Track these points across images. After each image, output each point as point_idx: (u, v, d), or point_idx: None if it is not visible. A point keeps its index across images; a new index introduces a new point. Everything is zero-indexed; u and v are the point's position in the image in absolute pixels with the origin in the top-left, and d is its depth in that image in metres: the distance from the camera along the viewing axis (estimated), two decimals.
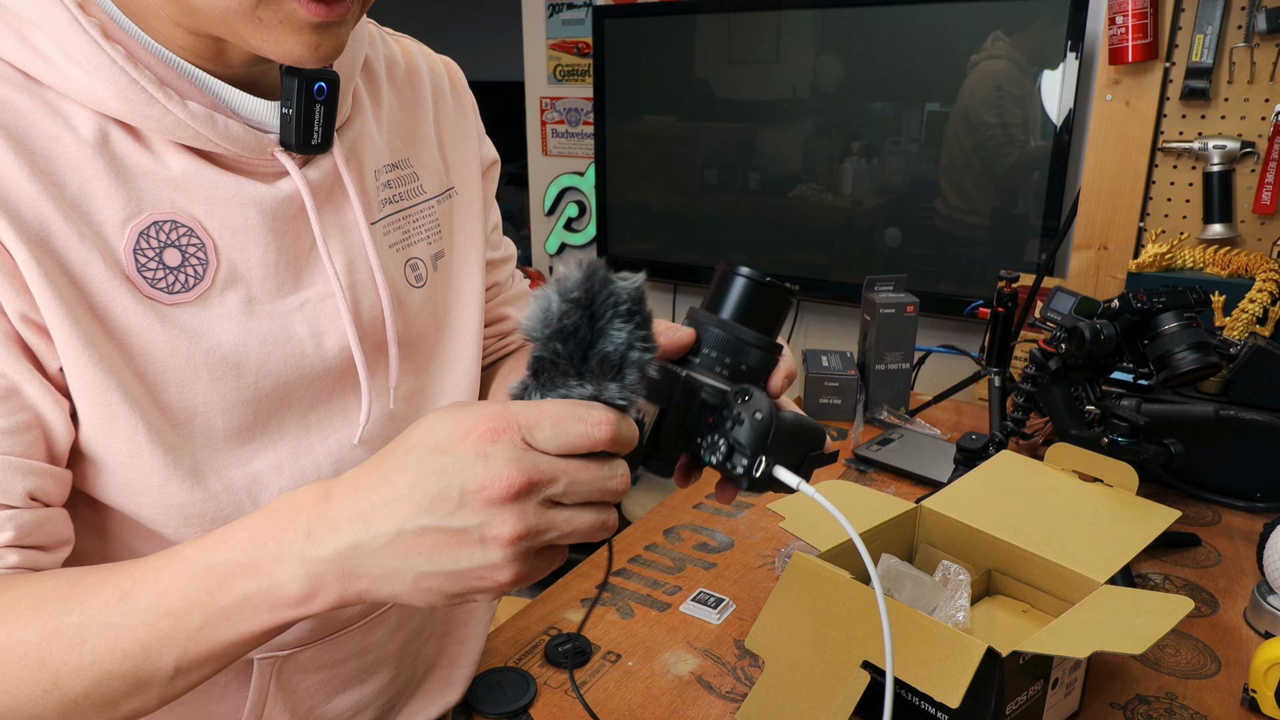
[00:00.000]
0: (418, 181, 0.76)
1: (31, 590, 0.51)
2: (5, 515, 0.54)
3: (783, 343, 0.59)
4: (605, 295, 0.47)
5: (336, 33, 0.56)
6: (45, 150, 0.56)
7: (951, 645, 0.66)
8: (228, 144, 0.60)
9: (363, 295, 0.69)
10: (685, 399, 0.54)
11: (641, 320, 0.47)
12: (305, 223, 0.66)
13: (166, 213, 0.59)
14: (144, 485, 0.60)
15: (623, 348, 0.47)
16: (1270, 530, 0.96)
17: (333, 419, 0.69)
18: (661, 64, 2.57)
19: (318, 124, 0.63)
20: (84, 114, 0.57)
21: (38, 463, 0.56)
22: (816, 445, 0.56)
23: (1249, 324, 1.29)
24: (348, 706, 0.78)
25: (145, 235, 0.58)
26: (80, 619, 0.49)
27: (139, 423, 0.58)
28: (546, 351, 0.47)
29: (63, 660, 0.49)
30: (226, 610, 0.48)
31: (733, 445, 0.53)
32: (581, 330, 0.47)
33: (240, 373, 0.62)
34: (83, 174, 0.57)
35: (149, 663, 0.49)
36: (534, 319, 0.47)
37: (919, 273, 2.25)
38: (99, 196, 0.57)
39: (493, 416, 0.45)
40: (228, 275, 0.62)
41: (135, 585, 0.49)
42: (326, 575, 0.47)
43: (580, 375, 0.47)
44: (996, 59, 2.07)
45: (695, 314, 0.57)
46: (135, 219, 0.58)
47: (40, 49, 0.55)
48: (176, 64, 0.59)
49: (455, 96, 0.83)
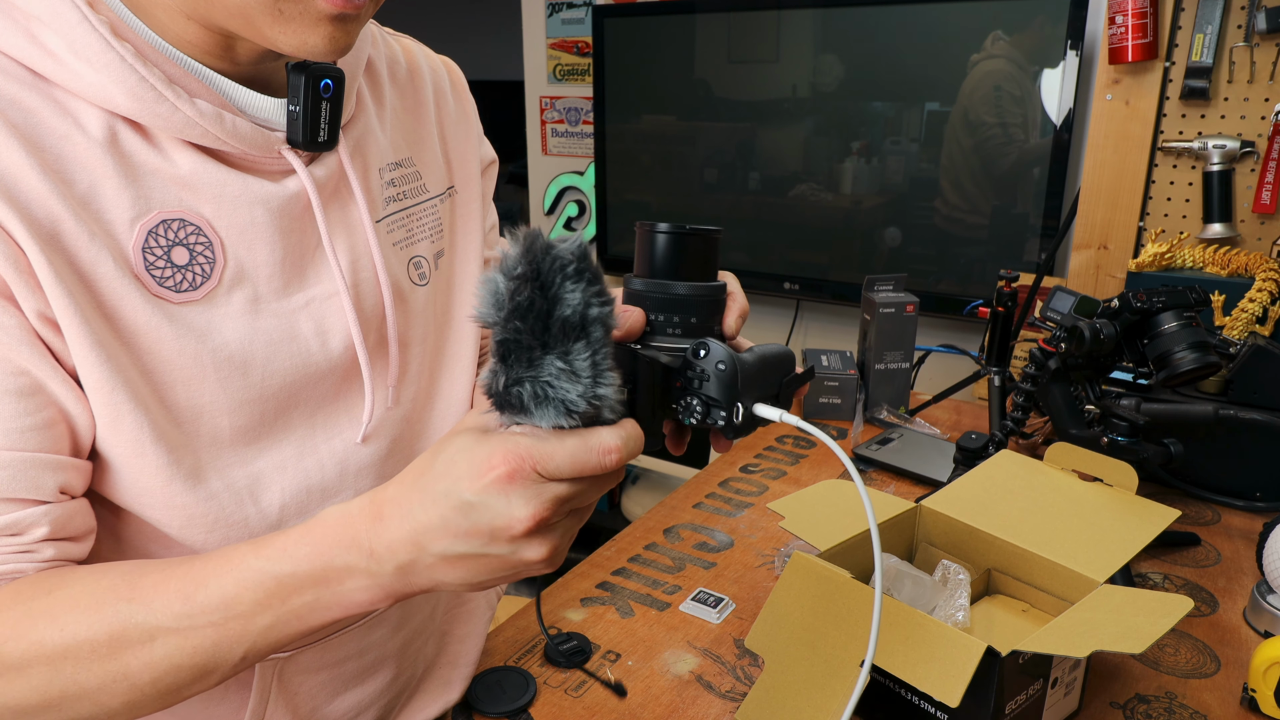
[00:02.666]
0: (421, 180, 0.76)
1: (87, 588, 0.54)
2: (40, 511, 0.56)
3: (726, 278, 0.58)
4: (550, 262, 0.46)
5: (351, 27, 0.57)
6: (55, 148, 0.56)
7: (951, 645, 0.66)
8: (236, 142, 0.60)
9: (366, 293, 0.69)
10: (649, 373, 0.54)
11: (591, 276, 0.47)
12: (311, 221, 0.66)
13: (175, 211, 0.59)
14: (147, 485, 0.61)
15: (580, 307, 0.47)
16: (1270, 530, 0.96)
17: (338, 418, 0.69)
18: (661, 63, 2.57)
19: (324, 121, 0.63)
20: (92, 112, 0.57)
21: (65, 457, 0.57)
22: (787, 370, 0.57)
23: (1248, 323, 1.29)
24: (349, 707, 0.78)
25: (154, 233, 0.58)
26: (146, 618, 0.53)
27: (144, 422, 0.59)
28: (508, 332, 0.47)
29: (133, 655, 0.53)
30: (297, 611, 0.53)
31: (707, 402, 0.53)
32: (536, 302, 0.46)
33: (247, 371, 0.62)
34: (92, 172, 0.57)
35: (218, 656, 0.54)
36: (485, 304, 0.47)
37: (919, 272, 2.26)
38: (108, 195, 0.57)
39: (508, 457, 0.48)
40: (234, 274, 0.62)
41: (197, 588, 0.53)
42: (389, 585, 0.52)
43: (545, 346, 0.47)
44: (996, 58, 2.07)
45: (630, 282, 0.56)
46: (144, 217, 0.58)
47: (49, 47, 0.55)
48: (184, 62, 0.59)
49: (456, 96, 0.83)
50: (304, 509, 0.68)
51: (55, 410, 0.56)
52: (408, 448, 0.76)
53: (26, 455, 0.55)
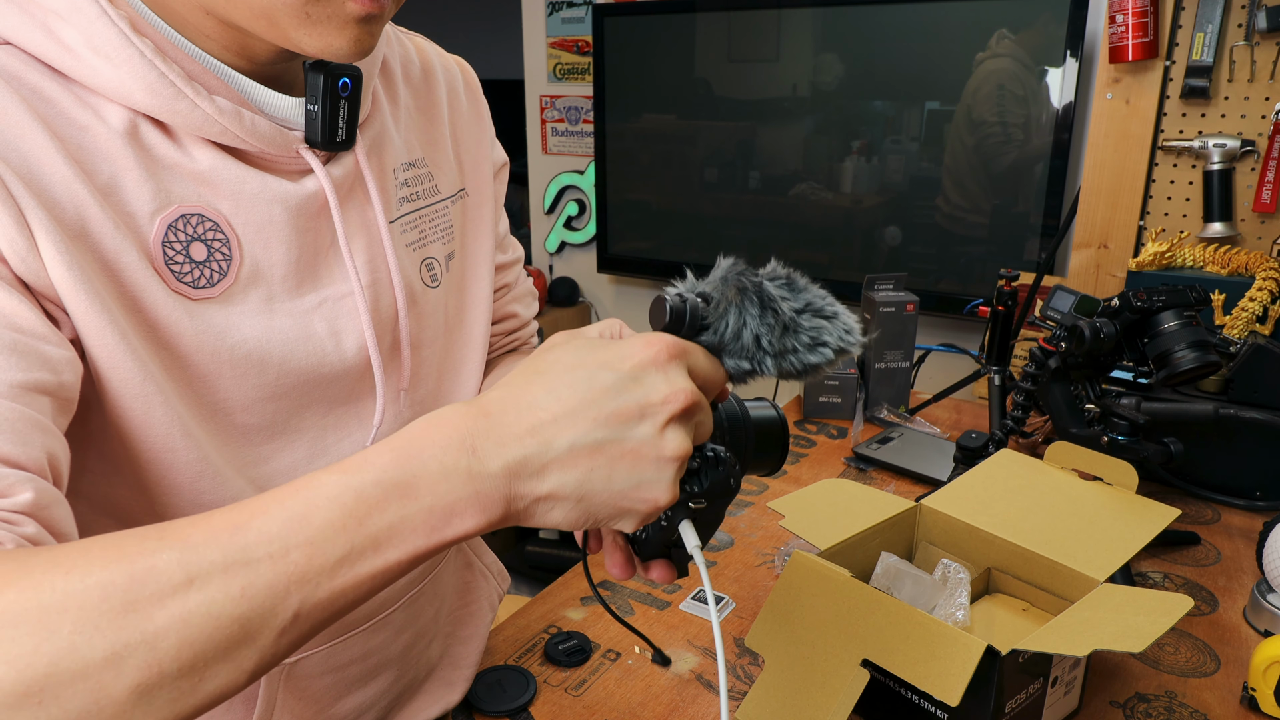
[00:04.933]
0: (433, 181, 0.76)
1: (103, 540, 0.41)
2: (25, 476, 0.47)
3: None
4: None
5: (375, 28, 0.57)
6: (76, 139, 0.55)
7: (951, 644, 0.67)
8: (254, 140, 0.60)
9: (380, 294, 0.69)
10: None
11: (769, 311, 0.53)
12: (327, 220, 0.65)
13: (194, 206, 0.59)
14: (176, 482, 0.60)
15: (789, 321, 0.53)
16: (1270, 529, 0.96)
17: (349, 420, 0.69)
18: (661, 62, 2.57)
19: (342, 120, 0.63)
20: (112, 107, 0.56)
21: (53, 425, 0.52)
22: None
23: (1249, 322, 1.29)
24: (352, 708, 0.78)
25: (173, 228, 0.58)
26: (183, 554, 0.40)
27: (174, 417, 0.57)
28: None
29: (158, 604, 0.39)
30: (375, 537, 0.43)
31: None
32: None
33: (263, 370, 0.62)
34: (114, 163, 0.56)
35: (269, 605, 0.41)
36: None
37: (919, 271, 2.26)
38: (129, 186, 0.56)
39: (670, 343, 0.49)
40: (250, 272, 0.61)
41: (254, 516, 0.42)
42: (494, 493, 0.45)
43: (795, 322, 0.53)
44: (1001, 57, 2.07)
45: None
46: (164, 211, 0.57)
47: (68, 42, 0.54)
48: (204, 59, 0.58)
49: (470, 98, 0.83)
50: None
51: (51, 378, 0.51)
52: None
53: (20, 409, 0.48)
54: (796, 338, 0.52)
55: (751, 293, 0.51)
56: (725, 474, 0.54)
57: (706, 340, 0.52)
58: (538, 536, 2.89)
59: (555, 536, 2.86)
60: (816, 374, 0.53)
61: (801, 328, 0.52)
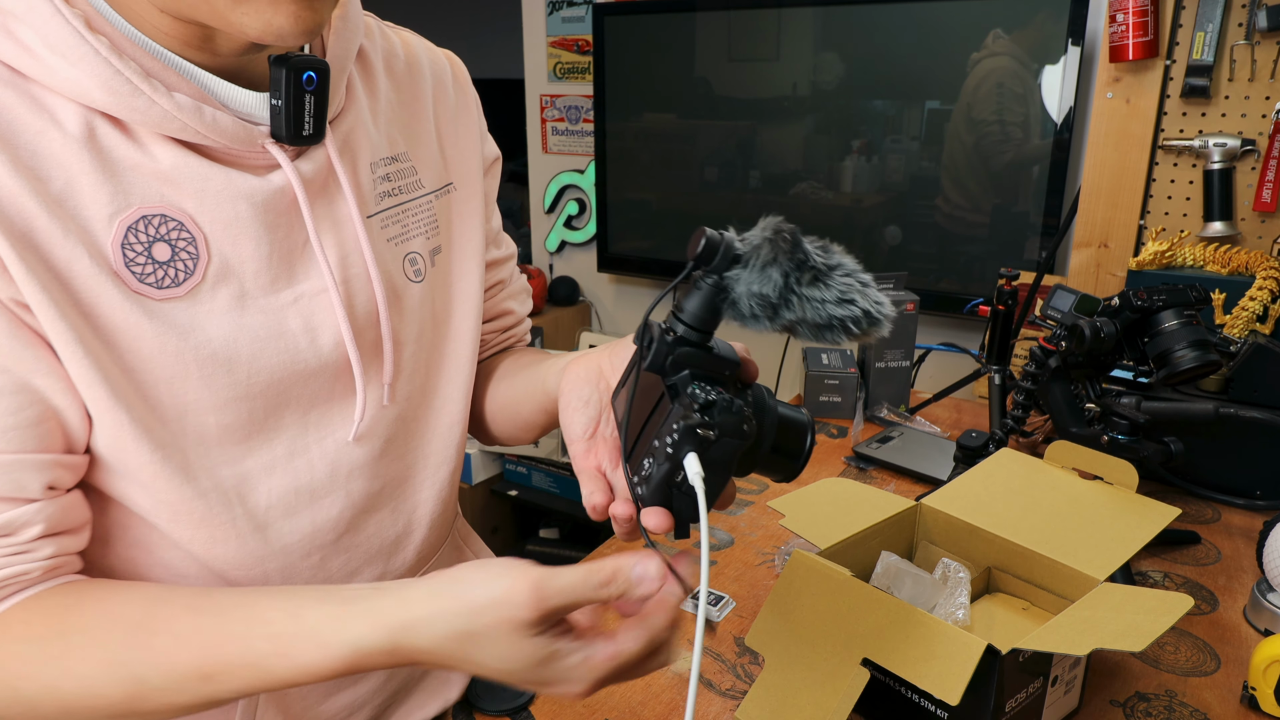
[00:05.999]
0: (416, 175, 0.75)
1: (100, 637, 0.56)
2: (33, 509, 0.57)
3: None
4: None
5: (316, 4, 0.55)
6: (30, 145, 0.55)
7: (951, 643, 0.66)
8: (216, 136, 0.59)
9: (358, 290, 0.68)
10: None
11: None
12: (298, 216, 0.65)
13: (156, 206, 0.59)
14: (135, 479, 0.61)
15: None
16: (1270, 528, 0.96)
17: (332, 417, 0.69)
18: (662, 61, 2.57)
19: (308, 115, 0.62)
20: (70, 108, 0.56)
21: (53, 455, 0.57)
22: None
23: (1249, 322, 1.29)
24: (342, 707, 0.78)
25: (134, 230, 0.58)
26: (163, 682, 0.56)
27: (123, 420, 0.58)
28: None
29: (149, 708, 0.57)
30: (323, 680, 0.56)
31: None
32: None
33: (232, 369, 0.62)
34: (68, 169, 0.56)
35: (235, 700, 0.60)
36: None
37: (919, 270, 2.26)
38: (85, 191, 0.56)
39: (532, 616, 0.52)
40: (219, 270, 0.61)
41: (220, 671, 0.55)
42: None
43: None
44: (998, 56, 2.07)
45: None
46: (123, 213, 0.57)
47: (24, 41, 0.54)
48: (162, 55, 0.58)
49: (457, 91, 0.82)
50: (291, 510, 0.68)
51: (42, 407, 0.56)
52: (402, 447, 0.75)
53: (9, 457, 0.55)
54: (826, 289, 0.52)
55: (787, 234, 0.52)
56: (739, 416, 0.53)
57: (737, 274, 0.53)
58: (538, 535, 2.89)
59: (556, 535, 2.86)
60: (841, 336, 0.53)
61: (833, 282, 0.53)
